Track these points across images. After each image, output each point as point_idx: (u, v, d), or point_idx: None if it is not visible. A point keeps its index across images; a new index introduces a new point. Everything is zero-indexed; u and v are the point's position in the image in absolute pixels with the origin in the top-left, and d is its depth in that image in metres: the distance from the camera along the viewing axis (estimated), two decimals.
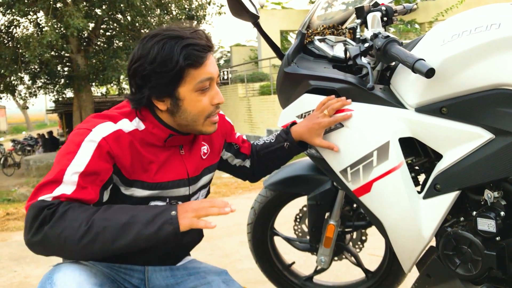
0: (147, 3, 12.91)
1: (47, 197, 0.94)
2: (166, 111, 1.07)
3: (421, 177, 1.27)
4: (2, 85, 14.81)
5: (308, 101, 1.33)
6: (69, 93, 16.60)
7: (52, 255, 0.96)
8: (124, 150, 1.03)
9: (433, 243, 1.24)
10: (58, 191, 0.95)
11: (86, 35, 13.85)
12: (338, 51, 1.36)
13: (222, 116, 1.32)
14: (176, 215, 0.95)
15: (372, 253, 2.12)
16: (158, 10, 13.81)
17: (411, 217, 1.17)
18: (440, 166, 1.12)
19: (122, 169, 1.04)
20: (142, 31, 13.86)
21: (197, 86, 1.04)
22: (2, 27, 13.97)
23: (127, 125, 1.06)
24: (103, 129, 1.02)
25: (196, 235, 1.28)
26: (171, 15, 14.14)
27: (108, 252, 0.94)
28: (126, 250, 0.95)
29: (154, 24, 13.55)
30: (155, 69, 1.01)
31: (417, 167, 1.27)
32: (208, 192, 1.30)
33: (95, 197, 0.99)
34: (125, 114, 1.08)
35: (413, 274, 1.38)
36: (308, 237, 1.68)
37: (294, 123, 1.37)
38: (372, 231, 1.56)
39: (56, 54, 14.41)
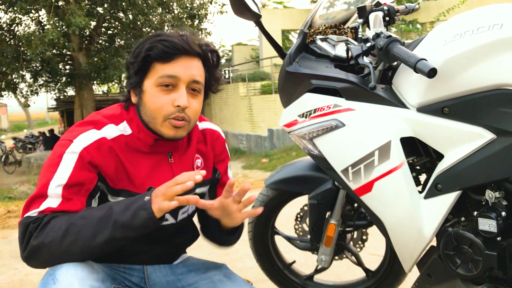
0: (149, 1, 12.92)
1: (32, 212, 0.97)
2: (136, 105, 1.09)
3: (422, 177, 1.27)
4: (3, 83, 14.86)
5: (309, 100, 1.33)
6: (70, 91, 16.63)
7: (49, 265, 0.97)
8: (107, 158, 1.03)
9: (434, 242, 1.24)
10: (44, 206, 0.97)
11: (87, 33, 13.86)
12: (340, 50, 1.36)
13: (222, 140, 1.26)
14: (150, 201, 0.94)
15: (372, 252, 2.12)
16: (160, 8, 13.83)
17: (412, 216, 1.17)
18: (442, 166, 1.12)
19: (106, 177, 1.04)
20: (144, 29, 13.89)
21: (157, 80, 1.04)
22: (4, 25, 14.01)
23: (112, 130, 1.06)
24: (85, 139, 1.02)
25: (191, 234, 1.26)
26: (172, 14, 14.15)
27: (92, 251, 0.95)
28: (109, 246, 0.95)
29: (155, 22, 13.55)
30: (130, 60, 1.07)
31: (418, 167, 1.27)
32: None
33: (81, 207, 1.00)
34: (112, 118, 1.08)
35: (413, 274, 1.38)
36: (308, 236, 1.68)
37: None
38: (373, 231, 1.56)
39: (58, 52, 14.45)
